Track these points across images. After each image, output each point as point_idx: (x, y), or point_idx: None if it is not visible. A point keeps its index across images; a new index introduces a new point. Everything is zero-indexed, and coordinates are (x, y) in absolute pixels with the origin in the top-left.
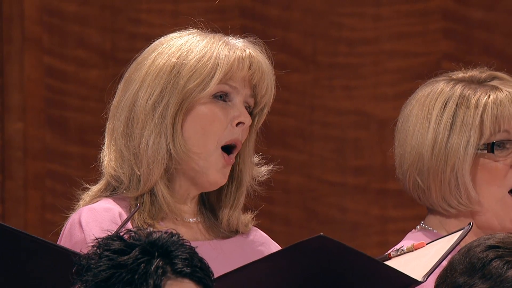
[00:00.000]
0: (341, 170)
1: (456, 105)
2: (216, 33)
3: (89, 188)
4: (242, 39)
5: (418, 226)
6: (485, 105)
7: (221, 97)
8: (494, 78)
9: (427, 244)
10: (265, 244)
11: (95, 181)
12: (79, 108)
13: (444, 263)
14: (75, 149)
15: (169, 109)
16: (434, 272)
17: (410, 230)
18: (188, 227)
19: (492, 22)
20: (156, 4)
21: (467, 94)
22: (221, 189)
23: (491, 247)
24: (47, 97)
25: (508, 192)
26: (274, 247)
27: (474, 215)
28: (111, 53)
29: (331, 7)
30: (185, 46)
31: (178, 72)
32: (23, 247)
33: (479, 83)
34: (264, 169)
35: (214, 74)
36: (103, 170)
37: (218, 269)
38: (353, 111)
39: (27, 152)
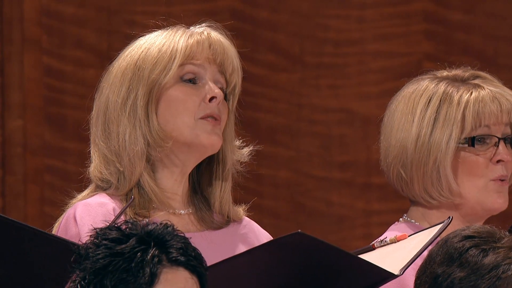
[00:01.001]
0: (327, 166)
1: (440, 101)
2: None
3: (79, 194)
4: (202, 25)
5: (401, 219)
6: (467, 101)
7: (191, 80)
8: (476, 77)
9: (409, 236)
10: (255, 236)
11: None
12: (77, 106)
13: (425, 253)
14: (73, 145)
15: (138, 101)
16: (415, 263)
17: (393, 223)
18: (180, 218)
19: (471, 24)
20: (150, 7)
21: (450, 91)
22: (210, 171)
23: (467, 237)
24: (46, 95)
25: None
26: (265, 238)
27: (455, 207)
28: (107, 53)
29: (318, 10)
30: (146, 44)
31: (140, 66)
32: (23, 239)
33: (462, 81)
34: (244, 151)
35: (175, 58)
36: (90, 177)
37: (209, 260)
38: (339, 109)
39: (26, 148)
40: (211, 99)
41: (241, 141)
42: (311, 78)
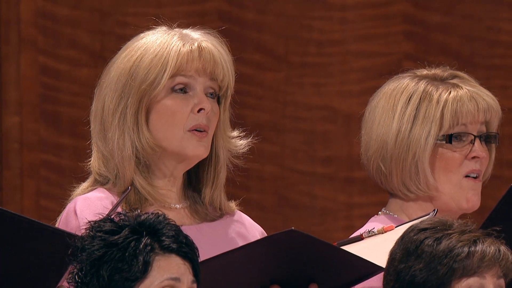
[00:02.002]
0: (310, 160)
1: (420, 99)
2: (176, 29)
3: (79, 185)
4: (198, 31)
5: (380, 212)
6: (446, 100)
7: (182, 90)
8: (455, 77)
9: (396, 227)
10: (247, 228)
11: (86, 171)
12: (71, 104)
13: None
14: (67, 141)
15: (128, 109)
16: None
17: (374, 215)
18: (175, 212)
19: (448, 25)
20: (141, 8)
21: (430, 90)
22: (202, 169)
23: (421, 230)
24: (42, 93)
25: (464, 177)
26: (256, 231)
27: (431, 200)
28: (100, 53)
29: (302, 11)
30: (142, 48)
31: (133, 74)
32: (21, 230)
33: (441, 80)
34: (241, 143)
35: (165, 71)
36: (90, 169)
37: (204, 251)
38: (322, 107)
39: (23, 143)
40: (199, 110)
41: (239, 131)
42: (295, 76)
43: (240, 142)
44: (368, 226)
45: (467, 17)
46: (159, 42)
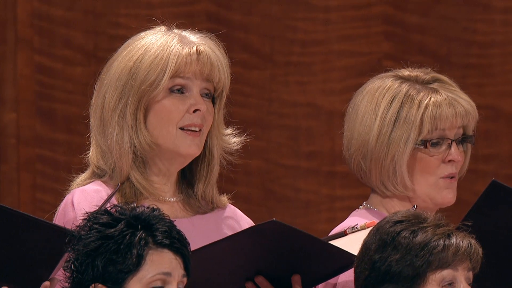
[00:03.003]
0: (295, 155)
1: (401, 102)
2: (179, 29)
3: (77, 175)
4: (197, 35)
5: (361, 206)
6: (426, 106)
7: (179, 90)
8: (436, 80)
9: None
10: (237, 221)
11: (80, 165)
12: (66, 101)
13: None
14: (62, 137)
15: (128, 108)
16: None
17: (355, 208)
18: (169, 205)
19: (426, 26)
20: (133, 10)
21: (411, 94)
22: (196, 165)
23: (396, 222)
24: (38, 91)
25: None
26: (246, 223)
27: (409, 199)
28: (93, 53)
29: (287, 13)
30: (142, 49)
31: (134, 74)
32: (15, 225)
33: (422, 84)
34: (234, 141)
35: (165, 73)
36: (89, 161)
37: (195, 242)
38: (306, 104)
39: (19, 139)
40: (195, 110)
41: (233, 129)
42: (280, 75)
43: (233, 140)
44: (350, 220)
45: (444, 18)
46: (159, 43)
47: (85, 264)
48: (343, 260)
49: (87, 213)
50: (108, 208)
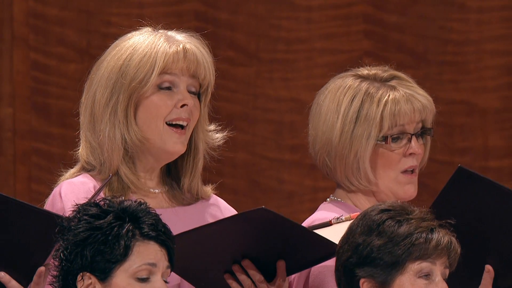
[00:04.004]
0: (279, 148)
1: (362, 101)
2: (165, 29)
3: (70, 166)
4: (182, 34)
5: (328, 199)
6: (385, 103)
7: (167, 87)
8: (393, 77)
9: None
10: (220, 209)
11: (74, 159)
12: (60, 96)
13: None
14: (56, 131)
15: (119, 105)
16: None
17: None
18: (154, 197)
19: (404, 25)
20: (124, 9)
21: (371, 92)
22: (181, 159)
23: (383, 211)
24: (33, 86)
25: (401, 172)
26: (230, 214)
27: (372, 193)
28: (86, 50)
29: (271, 12)
30: (131, 48)
31: (124, 72)
32: (10, 211)
33: (381, 81)
34: (218, 136)
35: (153, 70)
36: (78, 157)
37: (180, 231)
38: (289, 99)
39: (16, 132)
40: (182, 105)
41: (216, 125)
42: (265, 71)
43: (216, 135)
44: (318, 213)
45: (421, 17)
46: (147, 43)
47: (74, 253)
48: (326, 249)
49: (77, 204)
50: (97, 201)
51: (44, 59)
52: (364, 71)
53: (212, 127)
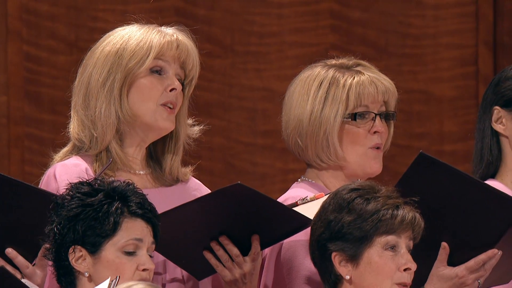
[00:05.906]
0: (252, 133)
1: (329, 84)
2: (152, 24)
3: (60, 150)
4: (172, 28)
5: (299, 179)
6: (351, 85)
7: (157, 71)
8: (358, 65)
9: (326, 194)
10: (198, 190)
11: (63, 142)
12: (51, 85)
13: None
14: (48, 117)
15: (115, 84)
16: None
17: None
18: (139, 177)
19: (367, 20)
20: (110, 5)
21: (337, 76)
22: (163, 145)
23: (353, 190)
24: (26, 76)
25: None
26: (206, 192)
27: (341, 168)
28: (75, 43)
29: (245, 8)
30: (126, 36)
31: (121, 55)
32: (7, 190)
33: (347, 68)
34: (196, 129)
35: (149, 53)
36: (70, 136)
37: (163, 210)
38: (262, 88)
39: (10, 119)
40: (171, 90)
41: (193, 120)
42: (240, 63)
43: (194, 129)
44: (291, 192)
45: (383, 13)
46: (141, 31)
47: (66, 228)
48: (298, 222)
49: (70, 183)
50: (89, 180)
51: (36, 51)
52: (332, 61)
53: (190, 121)
